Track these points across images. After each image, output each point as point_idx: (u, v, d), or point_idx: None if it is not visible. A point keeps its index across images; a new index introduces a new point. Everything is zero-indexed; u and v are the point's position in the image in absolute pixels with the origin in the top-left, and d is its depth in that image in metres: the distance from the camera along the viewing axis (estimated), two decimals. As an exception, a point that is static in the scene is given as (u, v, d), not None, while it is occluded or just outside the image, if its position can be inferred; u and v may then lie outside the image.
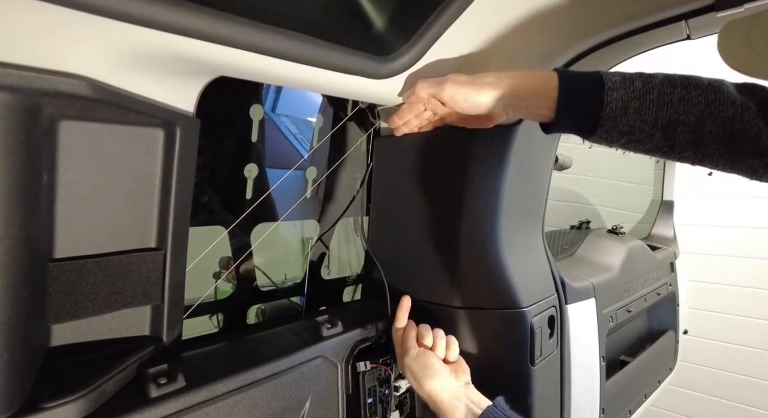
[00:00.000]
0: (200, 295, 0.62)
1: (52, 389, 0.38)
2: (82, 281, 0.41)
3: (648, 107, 0.45)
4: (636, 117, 0.45)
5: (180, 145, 0.44)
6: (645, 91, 0.45)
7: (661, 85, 0.45)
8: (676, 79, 0.45)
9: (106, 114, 0.39)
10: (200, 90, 0.46)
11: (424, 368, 0.59)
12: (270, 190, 0.64)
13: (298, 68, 0.46)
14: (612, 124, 0.46)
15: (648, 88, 0.45)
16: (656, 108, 0.45)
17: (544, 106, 0.48)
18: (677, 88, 0.44)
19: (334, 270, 0.89)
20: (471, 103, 0.52)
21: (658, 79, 0.45)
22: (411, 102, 0.57)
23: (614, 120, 0.46)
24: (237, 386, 0.49)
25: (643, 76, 0.46)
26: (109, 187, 0.42)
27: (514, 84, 0.50)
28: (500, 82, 0.51)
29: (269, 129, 0.67)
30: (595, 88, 0.46)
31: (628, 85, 0.45)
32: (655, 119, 0.45)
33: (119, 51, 0.34)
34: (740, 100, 0.42)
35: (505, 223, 0.69)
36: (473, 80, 0.52)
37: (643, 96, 0.45)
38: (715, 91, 0.43)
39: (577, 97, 0.47)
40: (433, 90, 0.53)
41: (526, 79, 0.50)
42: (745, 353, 1.97)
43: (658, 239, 1.64)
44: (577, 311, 0.88)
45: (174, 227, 0.47)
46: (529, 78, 0.50)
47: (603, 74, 0.47)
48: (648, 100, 0.45)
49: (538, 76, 0.49)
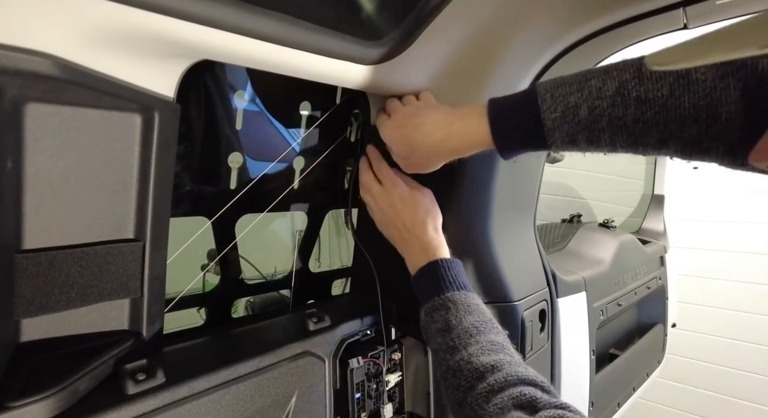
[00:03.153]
0: (185, 287, 0.60)
1: (20, 387, 0.36)
2: (54, 273, 0.39)
3: (599, 136, 0.42)
4: (588, 144, 0.44)
5: (159, 132, 0.42)
6: (592, 120, 0.41)
7: (612, 107, 0.40)
8: (630, 90, 0.40)
9: (77, 97, 0.36)
10: (181, 74, 0.44)
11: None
12: (254, 180, 0.62)
13: (284, 52, 0.43)
14: (563, 151, 0.46)
15: (595, 115, 0.41)
16: (610, 134, 0.42)
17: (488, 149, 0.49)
18: (630, 108, 0.40)
19: (324, 263, 0.88)
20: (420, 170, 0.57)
21: (608, 99, 0.40)
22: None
23: (564, 150, 0.46)
24: (220, 382, 0.47)
25: (591, 98, 0.41)
26: (83, 174, 0.40)
27: (450, 145, 0.51)
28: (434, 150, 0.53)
29: (256, 120, 0.65)
30: (535, 132, 0.44)
31: (571, 118, 0.42)
32: (611, 144, 0.42)
33: (88, 28, 0.32)
34: (704, 114, 0.38)
35: (497, 216, 0.68)
36: (408, 157, 0.56)
37: (591, 125, 0.42)
38: (677, 107, 0.38)
39: (515, 145, 0.47)
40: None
41: (459, 139, 0.50)
42: (732, 346, 2.00)
43: (649, 233, 1.64)
44: (568, 305, 0.88)
45: (153, 217, 0.45)
46: (462, 135, 0.50)
47: (542, 112, 0.43)
48: (597, 128, 0.42)
49: (469, 127, 0.49)
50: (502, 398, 0.42)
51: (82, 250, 0.41)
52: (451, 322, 0.51)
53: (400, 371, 0.68)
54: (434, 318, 0.53)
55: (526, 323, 0.68)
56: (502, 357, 0.46)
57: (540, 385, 0.43)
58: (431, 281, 0.55)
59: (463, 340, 0.49)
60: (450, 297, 0.53)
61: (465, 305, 0.52)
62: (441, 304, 0.53)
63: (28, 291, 0.37)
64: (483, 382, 0.44)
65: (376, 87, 0.56)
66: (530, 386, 0.43)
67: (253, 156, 0.64)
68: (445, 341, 0.50)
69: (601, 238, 1.24)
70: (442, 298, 0.53)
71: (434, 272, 0.55)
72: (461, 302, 0.53)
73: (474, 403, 0.44)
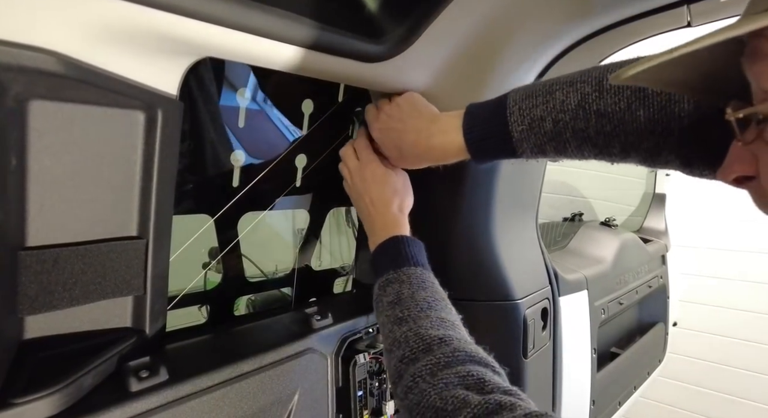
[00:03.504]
0: (187, 285, 0.60)
1: (24, 383, 0.36)
2: (58, 271, 0.39)
3: (565, 147, 0.44)
4: (557, 153, 0.46)
5: (162, 129, 0.42)
6: (557, 132, 0.44)
7: (574, 120, 0.42)
8: (591, 104, 0.41)
9: (80, 94, 0.36)
10: (184, 71, 0.43)
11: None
12: (257, 178, 0.62)
13: (287, 49, 0.43)
14: (537, 158, 0.48)
15: (560, 128, 0.43)
16: (575, 145, 0.44)
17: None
18: (591, 121, 0.41)
19: (325, 261, 0.87)
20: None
21: (570, 112, 0.42)
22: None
23: (537, 158, 0.48)
24: (223, 380, 0.47)
25: (555, 110, 0.43)
26: (86, 172, 0.40)
27: (432, 156, 0.54)
28: (418, 158, 0.56)
29: (258, 118, 0.65)
30: (504, 142, 0.47)
31: (537, 130, 0.45)
32: (579, 154, 0.44)
33: (93, 25, 0.32)
34: (660, 128, 0.39)
35: (499, 214, 0.68)
36: (396, 159, 0.58)
37: (557, 137, 0.44)
38: (633, 120, 0.40)
39: (488, 155, 0.50)
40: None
41: (439, 151, 0.53)
42: (733, 345, 1.99)
43: (650, 232, 1.64)
44: (570, 304, 0.88)
45: (156, 214, 0.45)
46: (441, 147, 0.52)
47: (509, 124, 0.46)
48: (563, 139, 0.44)
49: (447, 139, 0.51)
50: (448, 374, 0.39)
51: (86, 247, 0.41)
52: (403, 294, 0.49)
53: (402, 369, 0.68)
54: (386, 291, 0.51)
55: (528, 321, 0.68)
56: (451, 333, 0.44)
57: (491, 365, 0.41)
58: (389, 257, 0.54)
59: (413, 312, 0.47)
60: (405, 271, 0.51)
61: (419, 280, 0.51)
62: (395, 278, 0.51)
63: (31, 288, 0.37)
64: (429, 354, 0.41)
65: (378, 84, 0.56)
66: (480, 366, 0.40)
67: (256, 154, 0.64)
68: (395, 313, 0.48)
69: (602, 236, 1.24)
70: (397, 272, 0.51)
71: (393, 248, 0.54)
72: (416, 277, 0.51)
73: (417, 375, 0.40)
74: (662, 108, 0.37)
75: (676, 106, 0.36)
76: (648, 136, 0.39)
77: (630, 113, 0.39)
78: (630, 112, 0.39)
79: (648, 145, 0.39)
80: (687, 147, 0.37)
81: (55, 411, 0.36)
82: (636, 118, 0.39)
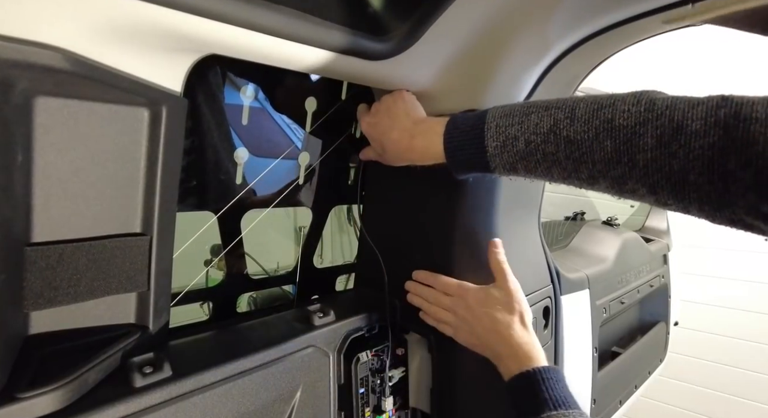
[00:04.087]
0: (189, 282, 0.61)
1: (29, 378, 0.36)
2: (63, 267, 0.39)
3: (535, 167, 0.46)
4: (527, 173, 0.47)
5: (166, 126, 0.42)
6: (528, 152, 0.45)
7: (545, 144, 0.44)
8: (561, 130, 0.43)
9: (85, 90, 0.36)
10: (188, 68, 0.44)
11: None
12: (260, 175, 0.62)
13: (291, 47, 0.43)
14: (509, 176, 0.50)
15: (531, 149, 0.45)
16: (545, 167, 0.45)
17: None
18: (561, 146, 0.43)
19: (326, 259, 0.88)
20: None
21: (542, 136, 0.44)
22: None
23: (509, 175, 0.49)
24: (226, 376, 0.48)
25: (528, 132, 0.45)
26: (91, 168, 0.40)
27: (412, 156, 0.56)
28: (399, 156, 0.58)
29: (262, 116, 0.65)
30: (479, 156, 0.49)
31: (510, 148, 0.46)
32: (548, 175, 0.46)
33: (98, 22, 0.32)
34: (626, 159, 0.39)
35: (503, 213, 0.68)
36: (380, 154, 0.61)
37: (528, 156, 0.46)
38: (601, 149, 0.40)
39: (463, 165, 0.52)
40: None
41: (419, 153, 0.55)
42: (734, 345, 1.99)
43: (652, 231, 1.64)
44: (571, 302, 0.88)
45: (160, 211, 0.45)
46: (421, 149, 0.55)
47: (485, 139, 0.48)
48: (534, 160, 0.45)
49: (428, 143, 0.54)
50: None
51: (90, 244, 0.41)
52: None
53: (404, 367, 0.69)
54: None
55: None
56: None
57: None
58: (533, 395, 0.51)
59: None
60: (555, 416, 0.48)
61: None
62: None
63: (37, 284, 0.38)
64: None
65: (382, 82, 0.56)
66: None
67: (259, 152, 0.64)
68: None
69: (604, 235, 1.24)
70: (546, 416, 0.49)
71: (535, 384, 0.52)
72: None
73: None
74: (628, 140, 0.38)
75: (641, 139, 0.38)
76: (614, 166, 0.40)
77: (598, 143, 0.40)
78: (598, 141, 0.40)
79: (615, 173, 0.40)
80: (652, 177, 0.38)
81: (60, 406, 0.37)
82: (603, 148, 0.40)
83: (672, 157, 0.36)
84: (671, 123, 0.36)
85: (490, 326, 0.57)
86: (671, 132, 0.36)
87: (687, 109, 0.36)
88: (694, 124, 0.35)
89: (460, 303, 0.60)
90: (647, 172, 0.38)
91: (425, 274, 0.65)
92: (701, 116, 0.35)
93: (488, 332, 0.57)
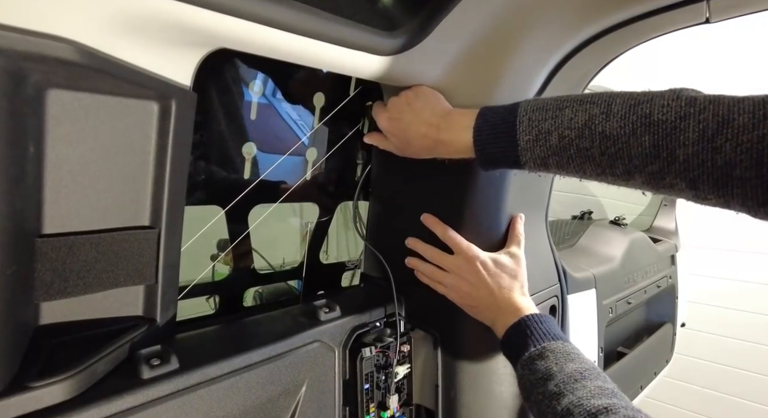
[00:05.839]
0: (196, 276, 0.61)
1: (39, 368, 0.37)
2: (72, 258, 0.40)
3: (568, 162, 0.45)
4: (559, 169, 0.46)
5: (176, 120, 0.43)
6: (562, 147, 0.44)
7: (579, 139, 0.43)
8: (597, 125, 0.42)
9: (97, 83, 0.37)
10: (198, 62, 0.44)
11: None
12: (269, 170, 0.62)
13: (300, 41, 0.43)
14: (538, 172, 0.49)
15: (564, 143, 0.44)
16: (578, 162, 0.44)
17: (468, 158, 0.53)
18: (596, 141, 0.42)
19: (332, 254, 0.88)
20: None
21: (576, 130, 0.43)
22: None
23: (538, 171, 0.49)
24: (232, 369, 0.48)
25: (562, 127, 0.44)
26: (101, 161, 0.40)
27: (439, 150, 0.56)
28: (425, 150, 0.57)
29: (270, 111, 0.65)
30: (510, 150, 0.48)
31: (543, 142, 0.46)
32: (580, 171, 0.45)
33: (109, 15, 0.32)
34: (665, 153, 0.39)
35: (511, 212, 0.68)
36: (402, 149, 0.60)
37: (561, 152, 0.45)
38: (638, 145, 0.40)
39: (492, 160, 0.51)
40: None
41: (446, 147, 0.54)
42: (741, 347, 1.98)
43: (660, 232, 1.63)
44: (578, 302, 0.88)
45: (169, 205, 0.45)
46: (449, 143, 0.54)
47: (517, 133, 0.47)
48: (567, 155, 0.44)
49: (456, 137, 0.53)
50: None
51: (99, 236, 0.41)
52: (552, 369, 0.48)
53: (409, 364, 0.69)
54: (532, 369, 0.50)
55: (536, 318, 0.68)
56: (615, 401, 0.43)
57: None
58: (524, 335, 0.54)
59: (569, 385, 0.46)
60: (547, 346, 0.51)
61: (564, 353, 0.50)
62: (538, 353, 0.51)
63: (47, 275, 0.38)
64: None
65: (391, 78, 0.56)
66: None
67: (266, 147, 0.64)
68: (549, 389, 0.47)
69: (611, 235, 1.23)
70: (538, 347, 0.51)
71: (526, 326, 0.54)
72: (560, 351, 0.51)
73: None
74: (668, 135, 0.38)
75: (682, 133, 0.37)
76: (653, 161, 0.39)
77: (635, 138, 0.40)
78: (635, 136, 0.40)
79: (652, 168, 0.40)
80: (694, 171, 0.37)
81: (69, 396, 0.37)
82: (641, 143, 0.39)
83: (716, 151, 0.35)
84: (716, 117, 0.35)
85: (493, 290, 0.59)
86: (716, 126, 0.35)
87: (732, 104, 0.35)
88: (741, 118, 0.34)
89: (466, 266, 0.61)
90: (688, 166, 0.37)
91: (436, 224, 0.65)
92: (749, 110, 0.34)
93: (490, 296, 0.59)
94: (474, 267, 0.60)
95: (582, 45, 0.64)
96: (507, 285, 0.60)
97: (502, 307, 0.58)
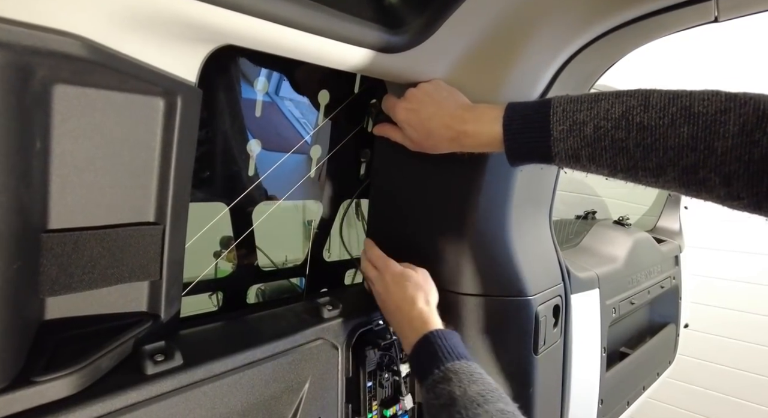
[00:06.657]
0: (200, 273, 0.61)
1: (45, 362, 0.37)
2: (78, 254, 0.40)
3: (601, 154, 0.44)
4: (590, 162, 0.45)
5: (181, 116, 0.43)
6: (596, 138, 0.44)
7: (615, 130, 0.43)
8: (635, 116, 0.42)
9: (103, 79, 0.37)
10: (203, 58, 0.44)
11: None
12: (273, 168, 0.62)
13: (306, 38, 0.43)
14: (567, 167, 0.48)
15: (599, 134, 0.44)
16: (611, 155, 0.44)
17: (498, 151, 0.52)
18: (632, 132, 0.42)
19: (335, 252, 0.88)
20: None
21: (613, 121, 0.43)
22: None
23: (568, 165, 0.48)
24: (235, 366, 0.48)
25: (598, 118, 0.44)
26: (106, 157, 0.40)
27: (462, 142, 0.54)
28: (446, 143, 0.55)
29: (274, 109, 0.65)
30: (542, 140, 0.47)
31: (577, 132, 0.45)
32: (611, 165, 0.44)
33: (116, 11, 0.32)
34: (702, 145, 0.38)
35: (515, 211, 0.67)
36: (420, 142, 0.57)
37: (594, 143, 0.44)
38: (676, 136, 0.40)
39: (522, 151, 0.49)
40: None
41: (471, 140, 0.53)
42: (744, 349, 1.97)
43: (664, 232, 1.62)
44: (581, 302, 0.87)
45: (173, 201, 0.45)
46: (475, 136, 0.52)
47: (551, 122, 0.46)
48: (600, 147, 0.44)
49: (482, 129, 0.51)
50: None
51: (105, 231, 0.41)
52: (454, 393, 0.46)
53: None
54: (436, 393, 0.48)
55: (540, 317, 0.68)
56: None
57: None
58: (428, 355, 0.51)
59: (470, 411, 0.44)
60: (450, 368, 0.48)
61: (468, 374, 0.48)
62: (441, 377, 0.48)
63: (53, 270, 0.38)
64: None
65: (396, 76, 0.56)
66: None
67: (271, 144, 0.64)
68: (451, 415, 0.45)
69: (615, 235, 1.22)
70: (441, 369, 0.49)
71: (430, 345, 0.52)
72: (463, 372, 0.48)
73: None
74: (707, 127, 0.38)
75: (722, 126, 0.37)
76: (689, 153, 0.39)
77: (673, 129, 0.39)
78: (674, 127, 0.39)
79: (687, 161, 0.39)
80: (730, 166, 0.37)
81: (74, 391, 0.37)
82: (679, 134, 0.39)
83: (754, 145, 0.35)
84: (756, 111, 0.36)
85: (398, 303, 0.58)
86: (755, 120, 0.36)
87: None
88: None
89: (379, 278, 0.61)
90: (725, 159, 0.37)
91: (368, 242, 0.66)
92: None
93: (396, 309, 0.58)
94: (384, 279, 0.60)
95: (589, 43, 0.63)
96: (409, 297, 0.57)
97: (405, 322, 0.56)
